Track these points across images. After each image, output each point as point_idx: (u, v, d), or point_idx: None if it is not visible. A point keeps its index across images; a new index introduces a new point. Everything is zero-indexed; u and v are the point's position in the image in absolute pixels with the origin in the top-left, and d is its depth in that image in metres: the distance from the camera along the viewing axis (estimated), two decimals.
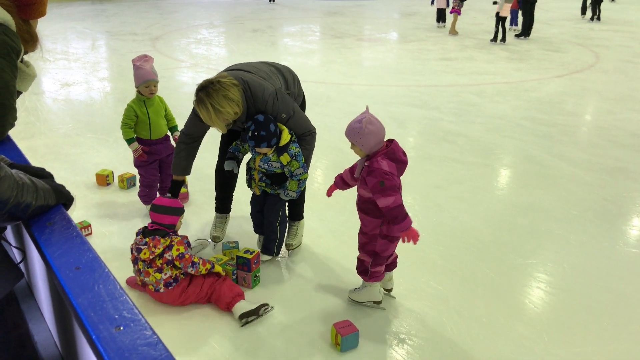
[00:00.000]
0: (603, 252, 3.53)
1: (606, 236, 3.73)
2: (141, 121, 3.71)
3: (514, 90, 7.82)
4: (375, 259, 2.77)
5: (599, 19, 15.43)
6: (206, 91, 2.79)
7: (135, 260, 2.77)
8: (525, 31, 12.37)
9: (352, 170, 2.82)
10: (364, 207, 2.71)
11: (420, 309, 2.89)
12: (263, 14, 17.15)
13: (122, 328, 0.82)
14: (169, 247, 2.70)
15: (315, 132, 3.14)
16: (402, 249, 2.85)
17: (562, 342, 2.67)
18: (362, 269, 2.85)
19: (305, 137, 3.10)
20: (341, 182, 2.88)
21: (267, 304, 2.80)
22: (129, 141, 3.72)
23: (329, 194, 2.94)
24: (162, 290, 2.76)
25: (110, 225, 3.75)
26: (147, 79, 3.58)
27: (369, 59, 10.58)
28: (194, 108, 2.98)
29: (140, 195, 3.92)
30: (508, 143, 5.60)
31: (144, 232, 2.77)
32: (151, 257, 2.67)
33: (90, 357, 0.95)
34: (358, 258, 2.86)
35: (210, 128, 3.10)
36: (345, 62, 9.96)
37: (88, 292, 0.90)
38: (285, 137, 2.94)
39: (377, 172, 2.52)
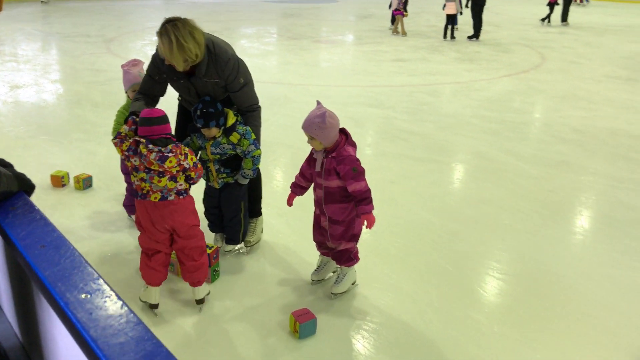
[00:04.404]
0: (547, 239, 3.74)
1: (550, 224, 3.95)
2: None
3: (464, 89, 8.10)
4: (356, 240, 2.91)
5: (565, 20, 15.94)
6: (174, 23, 2.79)
7: (135, 169, 2.61)
8: (476, 33, 12.78)
9: (302, 174, 2.93)
10: (336, 197, 2.78)
11: (375, 296, 3.01)
12: (220, 16, 17.08)
13: (89, 295, 0.88)
14: (185, 156, 2.62)
15: (260, 108, 3.21)
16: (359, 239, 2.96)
17: (511, 322, 2.84)
18: (346, 258, 2.94)
19: (253, 112, 3.15)
20: (298, 189, 2.98)
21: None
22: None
23: (289, 203, 3.01)
24: (172, 197, 2.62)
25: (66, 225, 3.72)
26: (134, 82, 3.49)
27: (325, 60, 10.72)
28: (148, 70, 3.02)
29: (126, 204, 3.76)
30: (459, 140, 5.82)
31: (153, 142, 2.57)
32: (176, 163, 2.56)
33: (57, 330, 1.01)
34: (339, 250, 2.92)
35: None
36: (302, 63, 10.07)
37: (55, 267, 0.95)
38: (231, 118, 3.00)
39: (349, 159, 2.66)
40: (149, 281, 2.75)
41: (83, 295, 0.88)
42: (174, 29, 2.77)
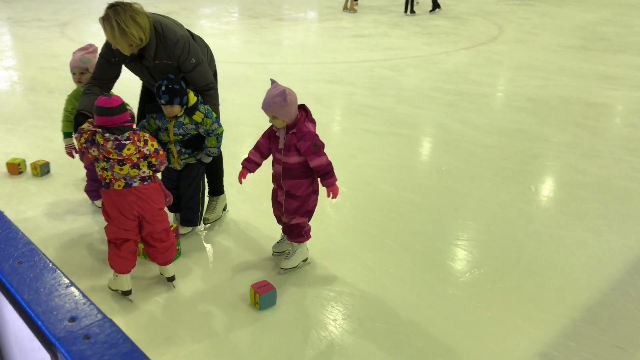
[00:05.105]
0: (500, 204, 3.88)
1: (502, 190, 4.10)
2: None
3: (423, 63, 8.20)
4: (309, 216, 2.96)
5: None
6: (115, 9, 2.77)
7: (96, 159, 2.59)
8: (436, 4, 12.86)
9: (258, 149, 2.95)
10: (295, 173, 2.83)
11: (334, 266, 3.10)
12: None
13: (23, 263, 0.92)
14: (145, 143, 2.60)
15: (217, 87, 3.23)
16: (317, 212, 3.03)
17: (463, 284, 2.97)
18: (297, 233, 2.99)
19: (209, 91, 3.16)
20: (252, 164, 2.97)
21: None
22: (64, 135, 3.56)
23: (240, 180, 2.97)
24: (136, 184, 2.60)
25: (25, 212, 3.69)
26: (74, 66, 3.47)
27: (286, 38, 10.67)
28: (102, 54, 3.02)
29: (87, 190, 3.74)
30: (417, 113, 5.93)
31: (110, 131, 2.53)
32: (135, 151, 2.54)
33: (3, 304, 1.05)
34: (292, 225, 2.97)
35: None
36: (263, 42, 10.00)
37: None
38: (192, 98, 3.02)
39: (309, 135, 2.71)
40: (119, 270, 2.74)
41: (17, 264, 0.92)
42: (115, 15, 2.76)
